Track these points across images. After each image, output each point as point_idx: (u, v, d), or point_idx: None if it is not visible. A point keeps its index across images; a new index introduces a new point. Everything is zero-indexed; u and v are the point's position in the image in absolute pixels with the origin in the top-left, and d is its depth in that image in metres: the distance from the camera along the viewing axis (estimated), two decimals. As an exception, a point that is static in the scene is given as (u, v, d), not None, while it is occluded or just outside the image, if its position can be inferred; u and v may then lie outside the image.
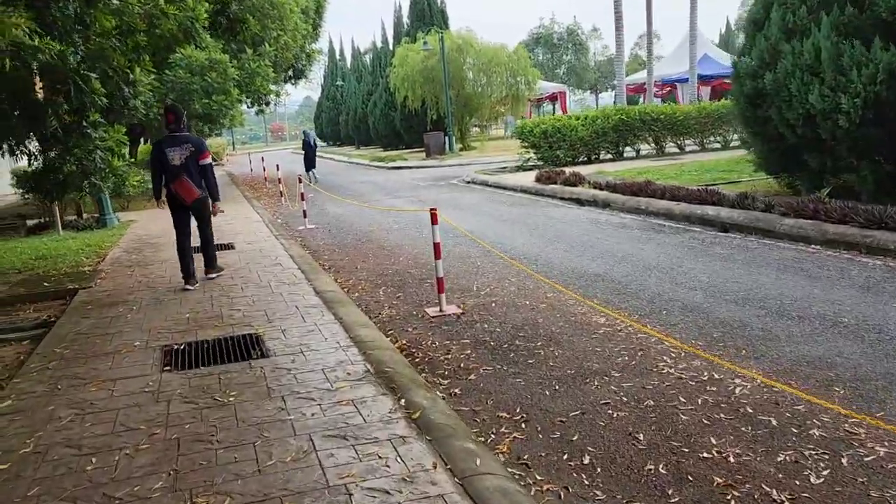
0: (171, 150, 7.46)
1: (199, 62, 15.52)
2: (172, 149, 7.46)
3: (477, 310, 6.61)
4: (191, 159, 7.47)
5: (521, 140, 19.34)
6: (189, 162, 7.45)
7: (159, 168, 7.57)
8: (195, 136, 8.05)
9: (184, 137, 7.58)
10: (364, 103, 42.95)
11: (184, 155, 7.45)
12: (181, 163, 7.43)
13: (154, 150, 7.70)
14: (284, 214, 15.34)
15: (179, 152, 7.45)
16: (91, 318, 6.45)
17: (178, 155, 7.45)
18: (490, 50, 29.07)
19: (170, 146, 7.48)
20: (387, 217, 13.19)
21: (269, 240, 10.64)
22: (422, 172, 23.50)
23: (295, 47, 18.75)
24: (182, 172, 7.43)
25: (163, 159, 7.46)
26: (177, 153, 7.46)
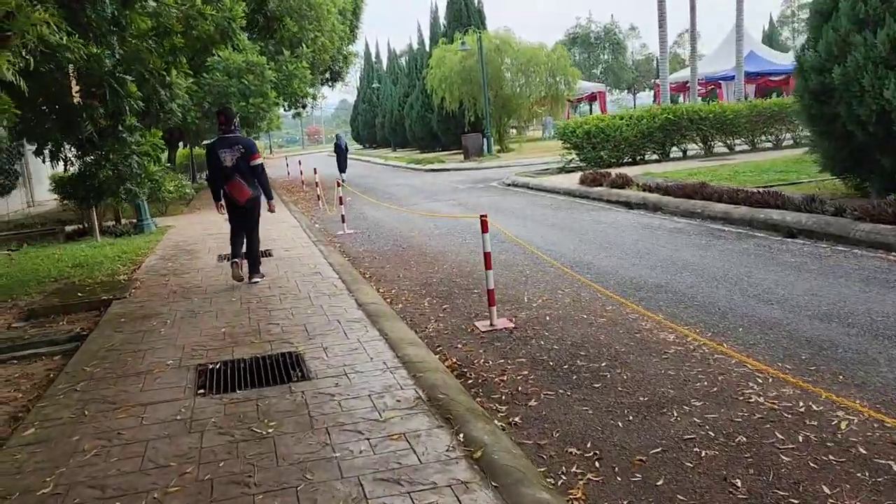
0: (223, 152, 7.58)
1: (237, 64, 15.31)
2: (224, 150, 7.58)
3: (530, 324, 6.13)
4: (242, 160, 7.56)
5: (563, 141, 18.78)
6: (240, 163, 7.55)
7: (214, 170, 7.72)
8: (245, 138, 8.15)
9: (234, 139, 7.69)
10: (400, 105, 42.69)
11: (235, 156, 7.55)
12: (233, 164, 7.53)
13: (208, 153, 7.84)
14: (322, 219, 15.02)
15: (231, 154, 7.56)
16: (124, 332, 6.12)
17: (230, 156, 7.55)
18: (529, 49, 28.50)
19: (222, 148, 7.60)
20: (427, 222, 12.76)
21: (308, 246, 10.30)
22: (460, 175, 23.06)
23: (332, 49, 18.48)
24: (234, 173, 7.55)
25: (216, 161, 7.60)
26: (228, 154, 7.56)
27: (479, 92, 28.08)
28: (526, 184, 17.48)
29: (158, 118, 10.10)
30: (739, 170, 15.12)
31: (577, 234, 10.32)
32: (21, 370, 5.60)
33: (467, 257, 9.35)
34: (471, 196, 16.74)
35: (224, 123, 7.73)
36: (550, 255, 8.67)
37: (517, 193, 16.53)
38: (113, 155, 8.93)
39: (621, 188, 13.70)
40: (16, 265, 10.12)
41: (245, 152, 7.60)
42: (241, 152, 7.58)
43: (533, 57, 28.06)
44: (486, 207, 14.23)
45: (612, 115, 18.80)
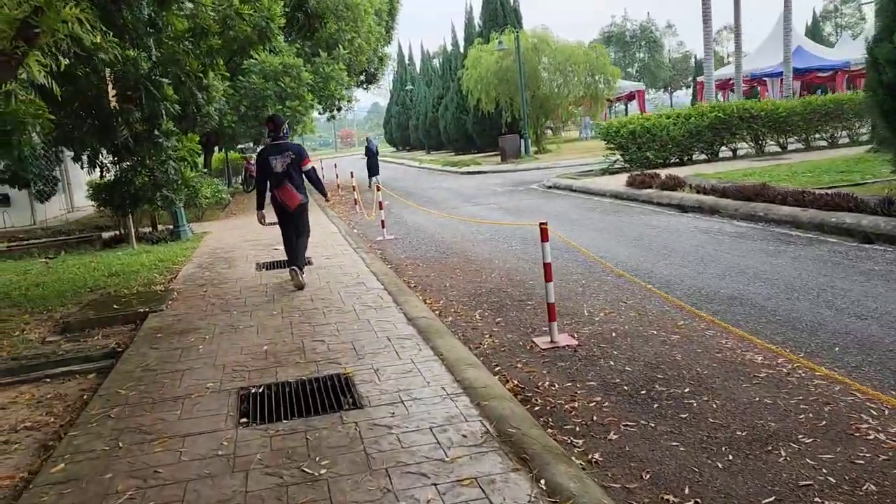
0: (273, 158, 7.60)
1: (273, 67, 15.03)
2: (274, 157, 7.60)
3: (595, 341, 5.63)
4: (292, 166, 7.60)
5: (607, 141, 18.17)
6: (290, 169, 7.59)
7: (263, 178, 7.78)
8: (295, 144, 8.22)
9: (285, 145, 7.74)
10: (434, 107, 42.31)
11: (285, 162, 7.58)
12: (283, 170, 7.56)
13: (258, 159, 7.87)
14: (360, 224, 14.65)
15: (281, 160, 7.58)
16: (160, 348, 5.76)
17: (280, 162, 7.57)
18: (567, 48, 27.85)
19: (272, 154, 7.63)
20: (469, 227, 12.30)
21: (348, 253, 9.90)
22: (498, 177, 22.56)
23: (368, 50, 18.13)
24: (284, 179, 7.58)
25: (266, 168, 7.63)
26: (278, 160, 7.58)
27: (516, 92, 27.50)
28: (569, 186, 16.91)
29: (195, 122, 9.82)
30: (797, 170, 14.38)
31: (630, 240, 9.77)
32: (54, 390, 5.26)
33: (516, 265, 8.86)
34: (511, 199, 16.24)
35: (273, 130, 7.80)
36: (606, 263, 8.15)
37: (560, 196, 15.98)
38: (149, 160, 8.64)
39: (672, 190, 13.08)
40: (52, 274, 9.90)
41: (295, 158, 7.63)
42: (292, 158, 7.60)
43: (571, 55, 27.39)
44: (529, 211, 13.73)
45: (658, 114, 18.14)
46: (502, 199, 16.28)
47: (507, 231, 11.33)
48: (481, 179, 22.43)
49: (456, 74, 38.18)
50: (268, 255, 10.22)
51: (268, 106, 15.14)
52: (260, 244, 11.44)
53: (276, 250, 10.69)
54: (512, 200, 15.96)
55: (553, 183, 17.94)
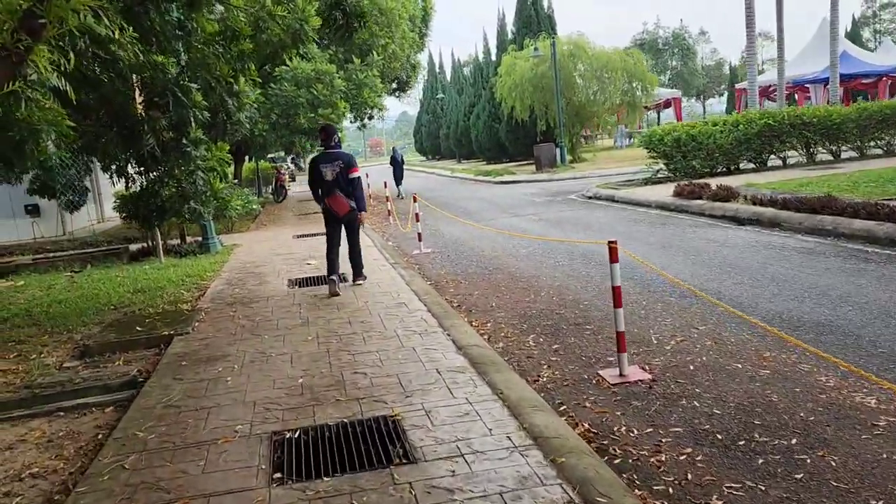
0: (325, 167, 7.89)
1: (305, 74, 14.58)
2: (325, 165, 7.90)
3: (671, 375, 4.96)
4: (341, 175, 7.85)
5: (649, 150, 17.43)
6: (340, 177, 7.85)
7: (315, 182, 8.07)
8: (346, 153, 8.37)
9: (336, 154, 8.01)
10: (466, 116, 41.75)
11: (335, 171, 7.85)
12: (333, 178, 7.84)
13: (310, 167, 8.18)
14: (395, 236, 14.10)
15: (331, 168, 7.86)
16: (185, 379, 5.22)
17: (331, 171, 7.86)
18: (604, 54, 27.11)
19: (323, 163, 7.92)
20: (510, 240, 11.66)
21: (386, 269, 9.33)
22: (534, 187, 21.89)
23: (402, 56, 17.65)
24: (334, 188, 7.84)
25: (317, 175, 7.94)
26: (329, 169, 7.86)
27: (551, 99, 26.80)
28: (611, 196, 16.19)
29: (225, 130, 9.34)
30: (856, 179, 13.51)
31: (688, 255, 9.06)
32: (67, 426, 4.74)
33: (566, 283, 8.21)
34: (551, 210, 15.57)
35: (326, 139, 8.08)
36: (665, 282, 7.46)
37: (602, 207, 15.27)
38: (177, 171, 8.15)
39: (725, 201, 12.32)
40: (76, 289, 9.47)
41: (344, 166, 7.88)
42: (341, 167, 7.86)
43: (608, 62, 26.64)
44: (571, 223, 13.06)
45: (704, 122, 17.36)
46: (541, 210, 15.62)
47: (552, 245, 10.67)
48: (517, 189, 21.78)
49: (488, 82, 37.62)
50: (300, 271, 9.70)
51: (300, 114, 14.70)
52: (292, 258, 10.93)
53: (309, 265, 10.18)
54: (551, 211, 15.29)
55: (593, 193, 17.23)
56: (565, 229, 12.43)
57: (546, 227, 12.93)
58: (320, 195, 8.00)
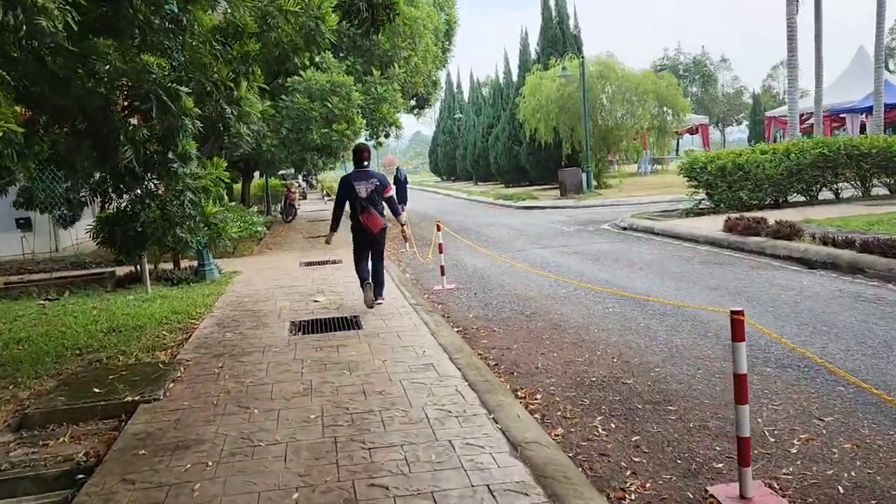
0: (359, 184, 7.96)
1: (320, 85, 13.30)
2: (360, 182, 7.97)
3: (817, 501, 3.51)
4: (375, 193, 7.99)
5: (689, 178, 16.01)
6: (374, 195, 7.99)
7: (343, 201, 8.18)
8: (379, 172, 8.58)
9: (369, 172, 8.18)
10: (484, 137, 40.51)
11: (369, 188, 7.96)
12: (367, 195, 7.94)
13: (343, 182, 8.23)
14: (413, 266, 12.71)
15: (366, 185, 7.96)
16: (137, 479, 3.81)
17: (365, 188, 7.94)
18: (634, 77, 25.78)
19: (358, 180, 7.98)
20: (545, 279, 10.25)
21: (406, 312, 7.93)
22: (561, 214, 20.49)
23: (425, 71, 16.39)
24: (369, 205, 7.94)
25: (351, 192, 7.98)
26: (363, 186, 7.95)
27: (577, 122, 25.45)
28: (649, 228, 14.76)
29: (223, 144, 8.01)
30: (933, 218, 12.04)
31: (763, 306, 7.60)
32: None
33: (625, 338, 6.78)
34: (583, 241, 14.15)
35: (361, 159, 8.25)
36: (753, 341, 6.02)
37: (641, 240, 13.84)
38: (161, 190, 6.81)
39: (789, 239, 10.87)
40: (43, 324, 8.11)
41: (379, 185, 8.04)
42: (376, 185, 8.00)
43: (639, 84, 25.29)
44: (612, 258, 11.63)
45: (751, 149, 15.94)
46: (574, 242, 14.20)
47: (595, 283, 9.25)
48: (542, 216, 20.38)
49: (508, 103, 36.43)
50: (305, 310, 8.31)
51: (312, 129, 13.41)
52: (296, 292, 9.55)
53: (316, 301, 8.79)
54: (585, 243, 13.87)
55: (629, 224, 15.80)
56: (606, 266, 11.01)
57: (583, 263, 11.51)
58: (352, 214, 8.11)
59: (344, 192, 8.08)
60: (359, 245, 8.26)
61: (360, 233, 8.12)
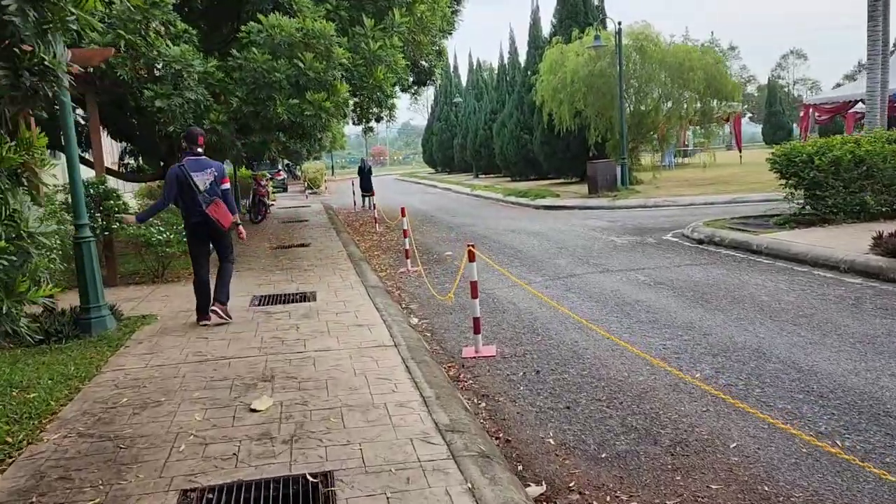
0: (197, 175, 6.78)
1: (287, 34, 9.13)
2: (197, 173, 6.79)
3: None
4: (215, 184, 6.86)
5: (781, 174, 12.00)
6: (214, 187, 6.85)
7: (170, 201, 6.91)
8: (214, 161, 7.19)
9: (204, 161, 6.94)
10: (486, 124, 36.31)
11: (208, 179, 6.82)
12: (209, 187, 6.80)
13: (171, 177, 6.84)
14: (419, 299, 8.65)
15: (203, 176, 6.81)
16: None
17: (202, 179, 6.79)
18: (680, 49, 21.58)
19: (194, 170, 6.79)
20: (646, 340, 6.23)
21: (427, 445, 3.83)
22: (596, 218, 16.40)
23: (434, 29, 12.21)
24: (214, 196, 6.81)
25: (185, 187, 6.76)
26: (201, 177, 6.79)
27: (609, 105, 21.31)
28: (744, 244, 10.74)
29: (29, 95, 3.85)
30: None
31: None
32: None
33: None
34: (654, 262, 10.12)
35: (199, 145, 6.92)
36: None
37: (740, 262, 9.81)
38: None
39: None
40: None
41: (217, 175, 6.88)
42: (214, 175, 6.86)
43: (685, 59, 21.14)
44: (722, 295, 7.59)
45: (872, 138, 11.89)
46: (642, 262, 10.16)
47: (738, 358, 5.21)
48: (574, 220, 16.29)
49: (515, 86, 32.27)
50: (225, 438, 4.17)
51: (276, 99, 9.22)
52: (224, 378, 5.38)
53: (254, 412, 4.63)
54: (660, 265, 9.84)
55: (705, 235, 11.76)
56: (726, 312, 7.00)
57: (682, 304, 7.48)
58: (187, 212, 6.86)
59: (173, 189, 6.75)
60: (199, 250, 7.06)
61: (200, 234, 6.97)
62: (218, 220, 6.80)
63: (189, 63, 8.80)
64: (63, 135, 6.60)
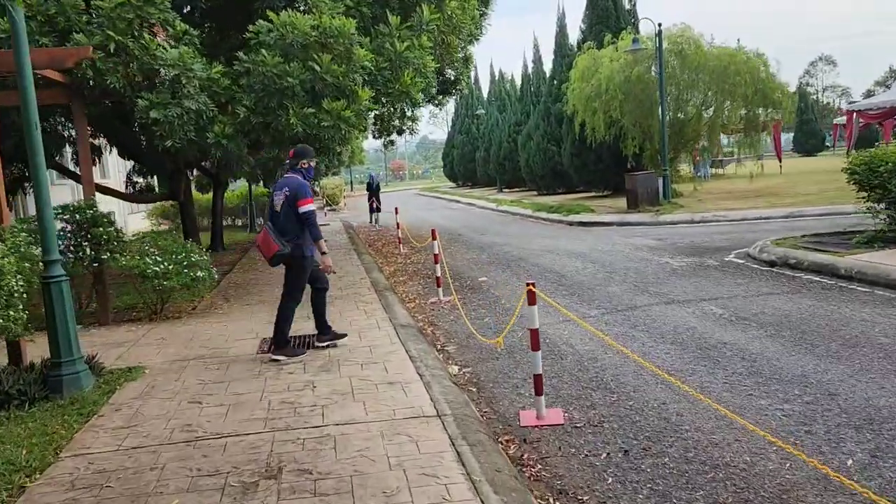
0: (275, 194, 6.35)
1: (302, 34, 7.92)
2: (276, 192, 6.36)
3: None
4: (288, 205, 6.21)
5: (861, 186, 10.56)
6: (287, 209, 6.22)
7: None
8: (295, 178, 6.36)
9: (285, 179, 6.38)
10: (511, 136, 35.02)
11: (280, 200, 6.23)
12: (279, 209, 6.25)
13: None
14: (459, 340, 7.32)
15: (278, 196, 6.28)
16: None
17: (278, 200, 6.28)
18: (725, 53, 20.15)
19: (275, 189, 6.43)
20: (745, 392, 4.90)
21: None
22: (641, 235, 15.01)
23: (466, 29, 10.98)
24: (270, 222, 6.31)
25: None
26: (276, 197, 6.31)
27: (648, 113, 19.92)
28: (825, 266, 9.34)
29: None
30: None
31: None
32: None
33: None
34: (725, 289, 8.75)
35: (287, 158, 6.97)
36: None
37: (824, 288, 8.41)
38: None
39: None
40: None
41: (289, 196, 6.18)
42: (286, 195, 6.19)
43: (730, 64, 19.69)
44: (832, 335, 6.17)
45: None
46: (706, 288, 8.81)
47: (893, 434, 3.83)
48: (616, 238, 14.91)
49: (541, 96, 30.99)
50: None
51: (289, 107, 7.99)
52: (216, 471, 4.10)
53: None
54: (730, 292, 8.47)
55: (776, 256, 10.35)
56: (849, 363, 5.62)
57: (783, 349, 6.11)
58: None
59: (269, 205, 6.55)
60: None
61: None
62: (260, 248, 6.26)
63: (188, 67, 7.62)
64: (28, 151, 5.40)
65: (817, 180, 23.25)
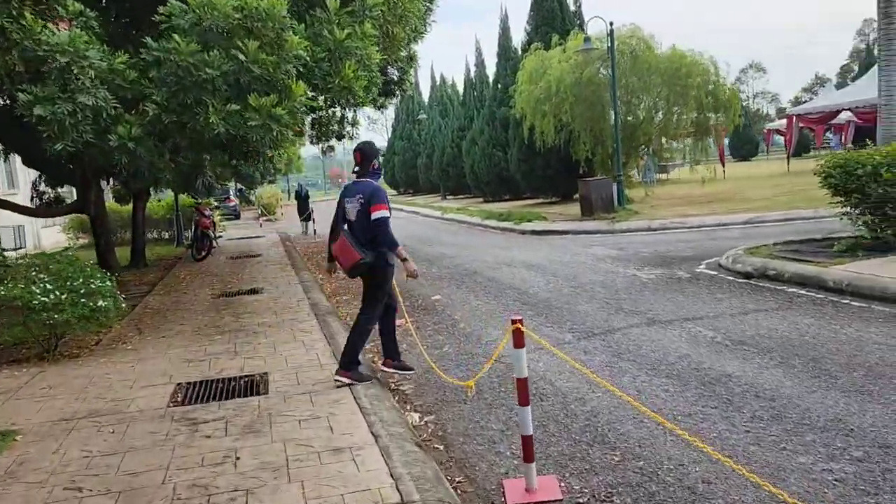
0: (348, 201, 5.86)
1: (223, 15, 6.66)
2: (348, 199, 5.86)
3: None
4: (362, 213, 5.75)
5: (836, 190, 9.91)
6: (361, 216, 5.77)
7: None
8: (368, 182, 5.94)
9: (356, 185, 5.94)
10: (454, 142, 34.07)
11: (356, 208, 5.77)
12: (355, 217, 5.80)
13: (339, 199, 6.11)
14: (421, 386, 6.17)
15: (353, 204, 5.82)
16: None
17: (353, 208, 5.79)
18: (676, 55, 19.54)
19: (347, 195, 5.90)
20: (777, 446, 3.92)
21: None
22: (600, 244, 14.15)
23: (412, 17, 9.87)
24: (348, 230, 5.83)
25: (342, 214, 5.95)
26: (351, 205, 5.82)
27: (600, 116, 19.19)
28: (810, 278, 8.58)
29: None
30: None
31: None
32: None
33: None
34: (705, 307, 7.89)
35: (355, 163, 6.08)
36: None
37: (816, 304, 7.62)
38: None
39: None
40: None
41: (363, 203, 5.74)
42: (360, 202, 5.76)
43: (681, 66, 19.08)
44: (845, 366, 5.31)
45: (945, 144, 9.88)
46: (685, 305, 7.94)
47: None
48: (573, 247, 14.02)
49: (484, 100, 30.15)
50: None
51: (209, 103, 6.72)
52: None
53: None
54: (713, 310, 7.60)
55: (752, 267, 9.59)
56: (885, 402, 4.70)
57: (799, 383, 5.19)
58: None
59: (337, 213, 5.93)
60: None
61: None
62: (337, 258, 5.85)
63: (82, 55, 6.27)
64: None
65: (763, 185, 23.08)
